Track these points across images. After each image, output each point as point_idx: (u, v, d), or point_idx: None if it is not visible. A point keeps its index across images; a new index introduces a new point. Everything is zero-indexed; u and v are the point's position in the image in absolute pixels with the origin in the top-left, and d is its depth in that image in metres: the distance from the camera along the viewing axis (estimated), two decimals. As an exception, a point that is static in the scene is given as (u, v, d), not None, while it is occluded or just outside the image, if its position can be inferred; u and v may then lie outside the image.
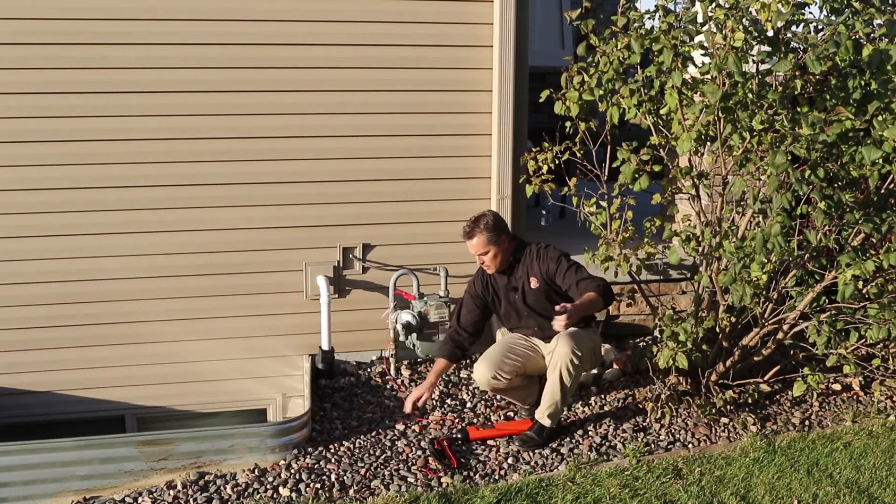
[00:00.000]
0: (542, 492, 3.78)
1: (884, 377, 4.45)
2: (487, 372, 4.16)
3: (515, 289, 4.28)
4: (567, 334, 4.04)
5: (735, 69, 3.63)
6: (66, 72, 4.32)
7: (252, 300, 4.80)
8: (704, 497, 3.78)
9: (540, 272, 4.21)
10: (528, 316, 4.29)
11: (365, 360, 5.00)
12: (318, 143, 4.68)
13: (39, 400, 4.66)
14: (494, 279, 4.34)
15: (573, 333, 4.06)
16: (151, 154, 4.51)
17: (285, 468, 3.94)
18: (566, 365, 4.02)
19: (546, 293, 4.21)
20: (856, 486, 3.87)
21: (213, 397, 4.89)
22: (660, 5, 4.09)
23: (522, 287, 4.26)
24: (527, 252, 4.27)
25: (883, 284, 3.97)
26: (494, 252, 4.19)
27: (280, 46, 4.52)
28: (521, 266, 4.26)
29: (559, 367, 4.04)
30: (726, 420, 4.39)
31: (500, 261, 4.23)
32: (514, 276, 4.28)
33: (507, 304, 4.33)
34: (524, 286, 4.25)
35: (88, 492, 3.79)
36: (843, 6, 3.86)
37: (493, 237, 4.17)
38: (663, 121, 4.30)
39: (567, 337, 4.04)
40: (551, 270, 4.17)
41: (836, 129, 3.53)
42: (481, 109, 4.80)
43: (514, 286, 4.28)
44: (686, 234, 4.32)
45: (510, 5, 4.62)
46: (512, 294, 4.29)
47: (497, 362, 4.18)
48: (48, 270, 4.52)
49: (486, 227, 4.16)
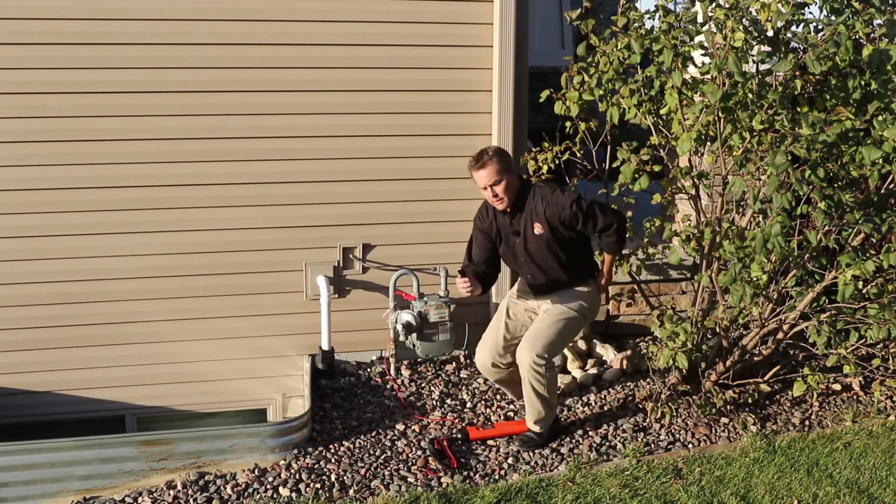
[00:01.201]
0: (542, 492, 3.78)
1: (884, 377, 4.45)
2: (487, 359, 4.17)
3: (517, 232, 4.03)
4: (529, 334, 4.00)
5: (735, 69, 3.63)
6: (66, 72, 4.32)
7: (252, 300, 4.80)
8: (704, 497, 3.78)
9: (545, 218, 3.94)
10: (526, 262, 4.07)
11: (365, 360, 5.00)
12: (318, 143, 4.69)
13: (39, 400, 4.66)
14: (498, 216, 4.07)
15: (538, 327, 4.00)
16: (151, 154, 4.51)
17: (285, 468, 3.94)
18: (531, 376, 3.96)
19: (548, 242, 3.97)
20: (856, 486, 3.87)
21: (213, 397, 4.89)
22: (660, 5, 4.09)
23: (524, 232, 4.01)
24: (531, 194, 4.00)
25: (883, 284, 3.97)
26: (506, 183, 3.90)
27: (280, 46, 4.52)
28: (525, 209, 3.99)
29: (526, 378, 4.00)
30: (726, 420, 4.39)
31: (511, 194, 3.94)
32: (516, 218, 4.01)
33: (506, 247, 4.11)
34: (526, 231, 4.00)
35: (88, 492, 3.79)
36: (843, 6, 3.85)
37: (503, 166, 3.88)
38: (663, 121, 4.30)
39: (527, 341, 3.98)
40: (564, 216, 3.91)
41: (836, 129, 3.53)
42: (481, 109, 4.80)
43: (515, 229, 4.03)
44: (686, 234, 4.32)
45: (510, 5, 4.62)
46: (513, 238, 4.05)
47: (495, 347, 4.16)
48: (48, 270, 4.52)
49: (496, 155, 3.89)
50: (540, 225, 3.96)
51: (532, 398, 4.05)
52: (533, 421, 4.14)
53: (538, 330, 4.01)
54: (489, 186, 3.90)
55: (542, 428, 4.16)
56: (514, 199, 3.97)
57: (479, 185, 3.94)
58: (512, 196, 3.95)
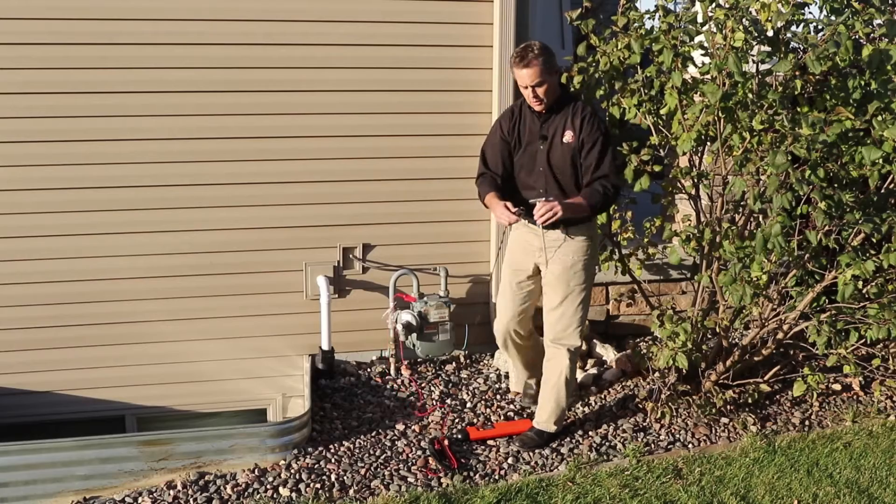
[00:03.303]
0: (542, 492, 3.79)
1: (884, 377, 4.45)
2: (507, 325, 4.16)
3: (545, 137, 3.83)
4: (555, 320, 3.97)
5: (735, 69, 3.63)
6: (66, 72, 4.32)
7: (252, 300, 4.80)
8: (704, 497, 3.78)
9: (579, 129, 3.78)
10: (542, 173, 3.87)
11: (365, 360, 5.00)
12: (318, 143, 4.68)
13: (39, 400, 4.66)
14: (524, 119, 3.89)
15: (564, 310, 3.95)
16: (151, 154, 4.51)
17: (285, 468, 3.94)
18: (566, 365, 4.01)
19: (573, 155, 3.81)
20: (856, 486, 3.87)
21: (213, 397, 4.89)
22: (660, 5, 4.09)
23: (553, 137, 3.82)
24: (572, 105, 3.83)
25: (883, 284, 3.97)
26: (549, 86, 3.71)
27: (280, 46, 4.52)
28: (559, 115, 3.81)
29: (556, 368, 4.03)
30: (726, 420, 4.39)
31: (551, 96, 3.76)
32: (548, 122, 3.83)
33: (525, 154, 3.90)
34: (555, 137, 3.81)
35: (88, 492, 3.79)
36: (843, 6, 3.86)
37: (548, 66, 3.68)
38: (663, 121, 4.30)
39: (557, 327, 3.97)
40: (584, 137, 3.77)
41: (836, 129, 3.53)
42: (481, 109, 4.80)
43: (543, 134, 3.83)
44: (686, 234, 4.32)
45: (510, 5, 4.62)
46: (538, 143, 3.84)
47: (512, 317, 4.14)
48: (48, 270, 4.52)
49: (543, 52, 3.67)
50: (572, 133, 3.78)
51: (560, 389, 4.03)
52: (553, 420, 4.12)
53: (565, 314, 3.96)
54: (531, 87, 3.71)
55: (559, 427, 4.15)
56: (551, 103, 3.80)
57: (520, 84, 3.76)
58: (552, 99, 3.78)
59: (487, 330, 4.94)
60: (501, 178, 3.94)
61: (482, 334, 5.01)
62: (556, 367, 4.06)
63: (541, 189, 3.89)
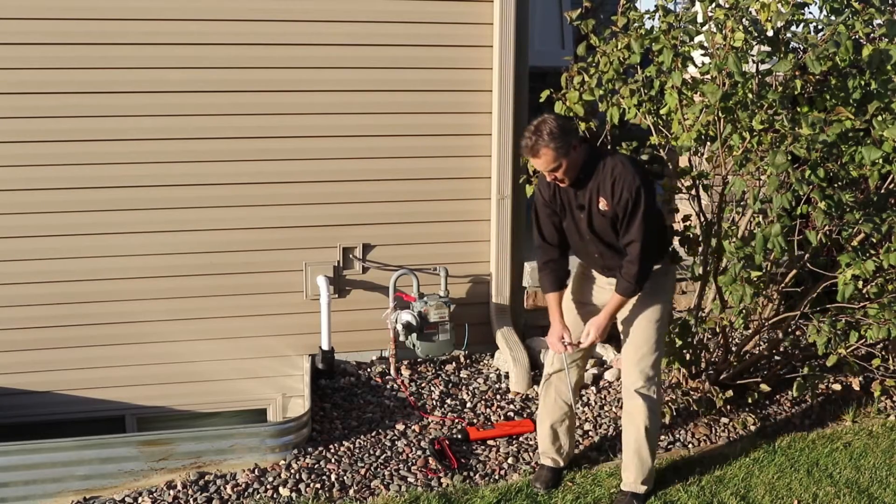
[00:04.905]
0: (542, 492, 3.78)
1: (884, 377, 4.45)
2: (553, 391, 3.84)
3: (582, 206, 3.51)
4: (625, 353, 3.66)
5: (735, 69, 3.63)
6: (66, 72, 4.32)
7: (252, 300, 4.80)
8: (704, 497, 3.78)
9: (611, 195, 3.43)
10: (591, 241, 3.57)
11: (365, 360, 5.00)
12: (318, 143, 4.68)
13: (39, 400, 4.66)
14: (561, 188, 3.56)
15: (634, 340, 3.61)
16: (151, 154, 4.51)
17: (285, 468, 3.94)
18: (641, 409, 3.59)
19: (613, 221, 3.46)
20: (856, 486, 3.87)
21: (213, 397, 4.89)
22: (660, 5, 4.09)
23: (589, 206, 3.49)
24: (601, 165, 3.44)
25: (883, 284, 3.97)
26: (567, 165, 3.36)
27: (280, 46, 4.52)
28: (592, 180, 3.46)
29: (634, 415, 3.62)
30: (726, 420, 4.39)
31: (573, 173, 3.42)
32: (582, 190, 3.48)
33: (570, 221, 3.60)
34: (591, 205, 3.48)
35: (88, 492, 3.79)
36: (843, 6, 3.85)
37: (562, 148, 3.32)
38: (663, 121, 4.30)
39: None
40: (619, 205, 3.42)
41: (836, 129, 3.53)
42: (481, 109, 4.80)
43: (580, 203, 3.51)
44: (686, 234, 4.31)
45: (510, 5, 4.62)
46: (577, 212, 3.54)
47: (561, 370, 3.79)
48: (48, 270, 4.52)
49: (552, 136, 3.30)
50: (605, 201, 3.43)
51: (641, 443, 3.61)
52: (641, 480, 3.67)
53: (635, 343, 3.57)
54: (547, 172, 3.42)
55: (649, 486, 3.71)
56: (577, 175, 3.45)
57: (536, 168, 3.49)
58: (574, 173, 3.43)
59: (487, 330, 4.95)
60: (559, 248, 3.68)
61: (482, 334, 5.01)
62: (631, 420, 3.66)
63: (595, 254, 3.63)
